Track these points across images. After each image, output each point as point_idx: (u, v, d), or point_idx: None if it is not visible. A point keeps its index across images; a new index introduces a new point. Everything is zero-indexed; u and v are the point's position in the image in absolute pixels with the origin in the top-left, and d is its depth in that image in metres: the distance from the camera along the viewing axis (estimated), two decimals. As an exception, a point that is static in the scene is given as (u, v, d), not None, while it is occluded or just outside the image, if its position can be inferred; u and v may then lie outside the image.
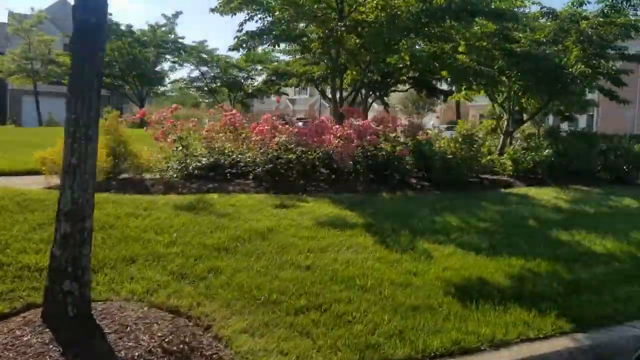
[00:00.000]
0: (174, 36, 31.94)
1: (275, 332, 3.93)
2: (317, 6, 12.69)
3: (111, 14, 30.20)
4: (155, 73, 33.53)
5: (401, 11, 11.77)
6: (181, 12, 46.39)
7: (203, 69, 33.86)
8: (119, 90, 34.20)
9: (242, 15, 12.93)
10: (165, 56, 33.35)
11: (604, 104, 37.44)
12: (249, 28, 14.45)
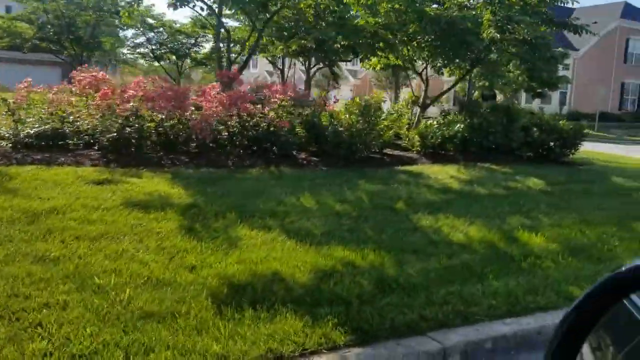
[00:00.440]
0: (115, -1, 30.11)
1: None
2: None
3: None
4: (93, 37, 31.58)
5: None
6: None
7: (150, 34, 32.01)
8: (58, 55, 32.18)
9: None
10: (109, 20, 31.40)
11: (579, 80, 37.01)
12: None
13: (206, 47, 32.11)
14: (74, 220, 5.01)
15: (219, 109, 7.99)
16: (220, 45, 12.25)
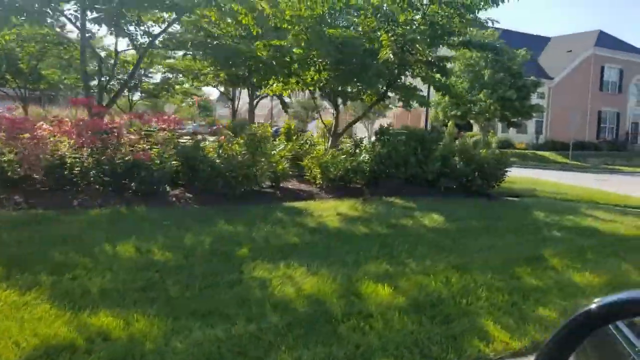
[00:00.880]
0: (59, 30, 29.07)
1: None
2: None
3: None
4: (34, 71, 30.44)
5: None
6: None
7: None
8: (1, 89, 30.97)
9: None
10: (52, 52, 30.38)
11: (555, 109, 36.54)
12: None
13: (157, 78, 31.25)
14: None
15: (54, 140, 6.97)
16: (89, 65, 11.33)
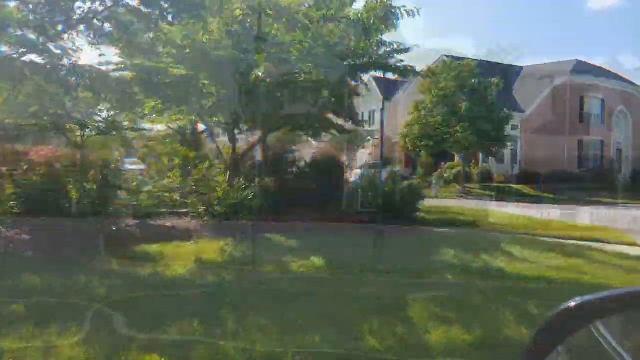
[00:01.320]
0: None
1: None
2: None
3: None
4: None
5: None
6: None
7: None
8: None
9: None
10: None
11: (529, 140, 35.18)
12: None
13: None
14: None
15: None
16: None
